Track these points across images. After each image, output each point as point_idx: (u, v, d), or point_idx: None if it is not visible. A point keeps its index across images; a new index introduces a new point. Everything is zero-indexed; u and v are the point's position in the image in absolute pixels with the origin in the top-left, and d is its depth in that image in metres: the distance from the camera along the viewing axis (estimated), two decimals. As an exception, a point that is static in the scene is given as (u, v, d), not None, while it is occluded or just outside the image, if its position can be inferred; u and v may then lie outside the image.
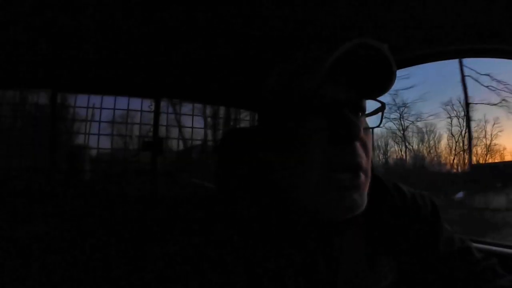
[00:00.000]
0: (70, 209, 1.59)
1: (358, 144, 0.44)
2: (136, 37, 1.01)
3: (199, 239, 0.48)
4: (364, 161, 0.45)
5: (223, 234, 0.48)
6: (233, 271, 0.45)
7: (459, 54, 0.99)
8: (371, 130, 0.48)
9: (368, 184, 0.46)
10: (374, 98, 0.48)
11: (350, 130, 0.42)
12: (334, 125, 0.43)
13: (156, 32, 0.98)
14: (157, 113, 1.69)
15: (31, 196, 1.72)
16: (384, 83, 0.45)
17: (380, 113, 0.49)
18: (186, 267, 0.45)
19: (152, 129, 1.77)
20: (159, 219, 1.47)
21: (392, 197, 0.56)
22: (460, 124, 4.25)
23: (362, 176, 0.45)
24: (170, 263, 0.47)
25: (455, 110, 4.30)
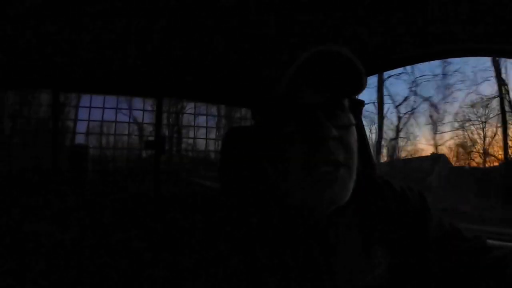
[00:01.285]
0: (73, 207, 1.60)
1: (332, 142, 0.46)
2: (138, 36, 1.02)
3: (200, 235, 0.50)
4: (342, 157, 0.47)
5: (223, 228, 0.50)
6: (233, 265, 0.47)
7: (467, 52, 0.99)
8: (353, 126, 0.51)
9: (352, 177, 0.49)
10: (350, 97, 0.51)
11: (321, 131, 0.45)
12: (306, 127, 0.46)
13: (157, 31, 0.99)
14: (159, 112, 1.70)
15: (35, 194, 1.74)
16: (353, 83, 0.48)
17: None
18: (188, 263, 0.48)
19: (154, 128, 1.78)
20: (161, 218, 1.48)
21: (382, 191, 0.59)
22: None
23: (342, 170, 0.47)
24: (174, 261, 0.50)
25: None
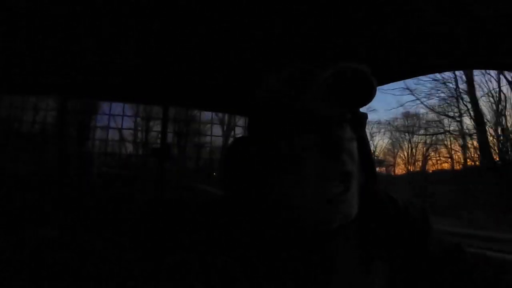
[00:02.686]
0: (79, 212, 1.61)
1: (344, 155, 0.48)
2: (143, 41, 1.03)
3: (201, 243, 0.51)
4: (352, 168, 0.48)
5: (223, 240, 0.50)
6: (233, 274, 0.47)
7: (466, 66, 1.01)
8: (355, 139, 0.52)
9: (358, 191, 0.50)
10: (356, 110, 0.52)
11: (338, 145, 0.47)
12: (324, 140, 0.47)
13: (162, 38, 1.00)
14: (165, 119, 1.71)
15: (41, 199, 1.75)
16: (365, 97, 0.49)
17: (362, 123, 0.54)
18: (189, 269, 0.48)
19: (160, 136, 1.80)
20: (165, 223, 1.48)
21: (385, 206, 0.58)
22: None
23: (353, 184, 0.48)
24: (174, 265, 0.50)
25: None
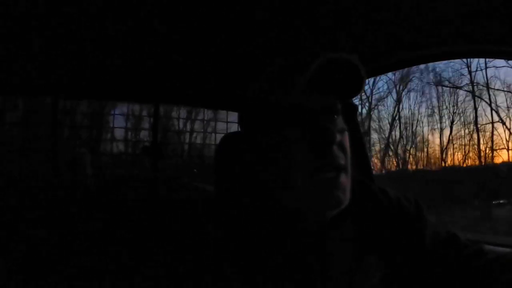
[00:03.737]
0: (71, 212, 1.60)
1: (335, 147, 0.47)
2: (135, 42, 1.02)
3: (195, 240, 0.50)
4: (343, 161, 0.48)
5: (217, 235, 0.50)
6: (228, 271, 0.47)
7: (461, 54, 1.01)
8: (346, 130, 0.52)
9: (350, 181, 0.50)
10: (346, 101, 0.52)
11: (326, 136, 0.46)
12: (311, 134, 0.47)
13: (154, 37, 0.99)
14: (156, 118, 1.69)
15: (33, 199, 1.74)
16: (355, 87, 0.49)
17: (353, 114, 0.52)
18: (183, 267, 0.48)
19: (151, 134, 1.78)
20: (159, 221, 1.48)
21: (378, 200, 0.58)
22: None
23: (343, 175, 0.48)
24: (167, 264, 0.50)
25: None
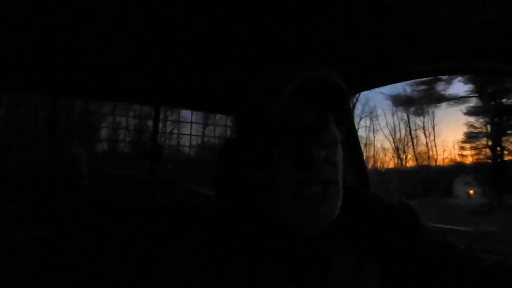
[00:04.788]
0: (69, 214, 1.59)
1: (322, 163, 0.47)
2: (136, 43, 1.02)
3: (193, 243, 0.51)
4: (332, 175, 0.48)
5: (216, 240, 0.51)
6: (227, 275, 0.47)
7: (454, 71, 1.02)
8: (339, 143, 0.52)
9: (340, 194, 0.50)
10: (335, 113, 0.52)
11: (311, 154, 0.46)
12: (296, 150, 0.47)
13: (155, 38, 0.99)
14: (156, 120, 1.70)
15: (30, 200, 1.72)
16: (339, 103, 0.50)
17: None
18: (181, 270, 0.48)
19: (151, 136, 1.78)
20: (156, 224, 1.47)
21: (373, 208, 0.59)
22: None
23: (333, 188, 0.48)
24: (165, 266, 0.50)
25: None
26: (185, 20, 0.87)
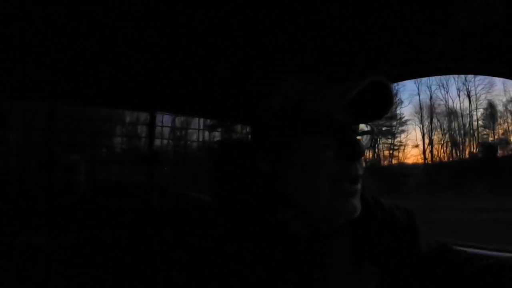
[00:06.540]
0: (67, 219, 1.59)
1: (359, 161, 0.50)
2: (133, 49, 1.03)
3: (194, 247, 0.52)
4: (361, 171, 0.51)
5: (216, 242, 0.51)
6: (228, 280, 0.48)
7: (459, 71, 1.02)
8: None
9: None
10: (369, 122, 0.55)
11: (355, 149, 0.49)
12: (342, 144, 0.49)
13: (151, 44, 1.00)
14: (152, 125, 1.71)
15: (29, 206, 1.72)
16: (383, 111, 0.52)
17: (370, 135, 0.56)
18: (181, 271, 0.49)
19: (147, 142, 1.79)
20: (155, 228, 1.48)
21: (373, 210, 0.60)
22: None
23: (359, 185, 0.51)
24: (165, 269, 0.51)
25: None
26: (182, 25, 0.87)
